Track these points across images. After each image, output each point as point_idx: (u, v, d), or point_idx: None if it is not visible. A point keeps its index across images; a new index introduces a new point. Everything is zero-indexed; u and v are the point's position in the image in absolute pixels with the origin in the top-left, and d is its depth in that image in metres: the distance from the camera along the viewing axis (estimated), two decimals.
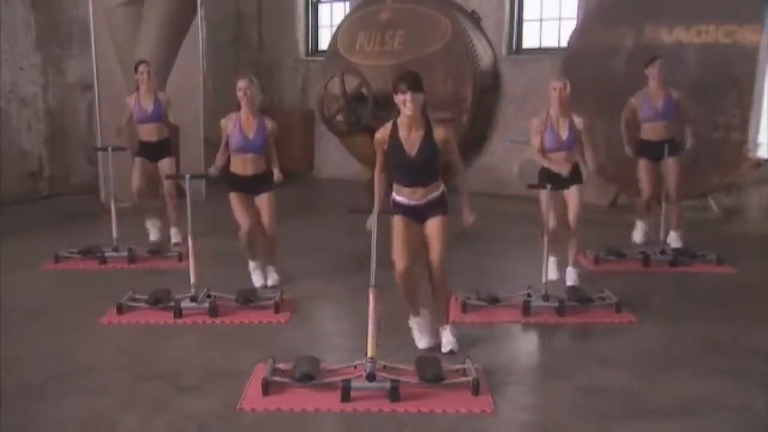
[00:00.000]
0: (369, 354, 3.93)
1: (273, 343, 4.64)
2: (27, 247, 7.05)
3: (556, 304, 5.17)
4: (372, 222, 4.12)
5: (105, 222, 7.07)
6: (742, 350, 4.62)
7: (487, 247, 7.33)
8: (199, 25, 9.52)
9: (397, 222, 4.40)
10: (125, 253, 6.53)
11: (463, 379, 3.99)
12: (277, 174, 5.69)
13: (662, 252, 6.47)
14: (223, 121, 5.68)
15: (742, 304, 5.56)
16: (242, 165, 5.63)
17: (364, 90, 9.46)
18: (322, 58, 10.69)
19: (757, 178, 8.08)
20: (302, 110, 11.42)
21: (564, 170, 5.60)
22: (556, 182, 5.57)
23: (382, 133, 4.38)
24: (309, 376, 3.94)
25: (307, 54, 11.70)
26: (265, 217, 5.76)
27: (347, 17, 10.42)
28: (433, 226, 4.40)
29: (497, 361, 4.42)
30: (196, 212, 5.35)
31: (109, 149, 6.72)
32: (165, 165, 7.01)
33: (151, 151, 7.00)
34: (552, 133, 5.62)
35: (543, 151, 5.69)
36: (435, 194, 4.41)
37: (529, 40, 9.84)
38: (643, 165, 6.84)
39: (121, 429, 3.63)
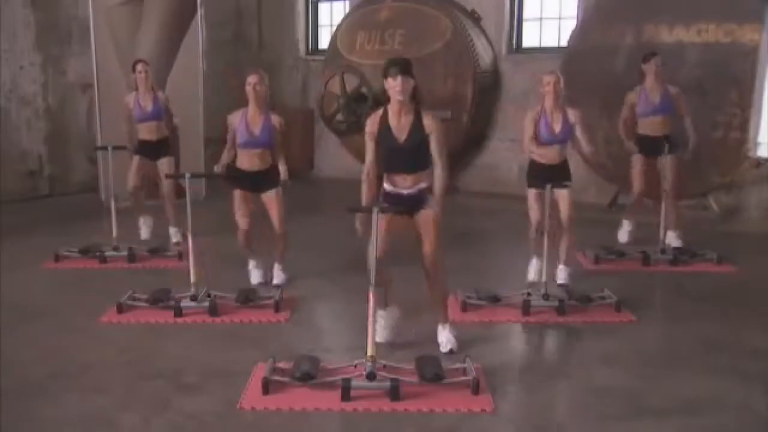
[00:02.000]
0: (369, 353, 3.93)
1: (273, 342, 4.64)
2: (27, 246, 7.05)
3: (556, 304, 5.17)
4: (361, 221, 4.13)
5: (105, 221, 7.08)
6: (742, 349, 4.62)
7: (487, 246, 7.34)
8: (199, 25, 9.51)
9: (383, 218, 4.36)
10: (125, 253, 6.52)
11: (463, 378, 3.99)
12: (284, 173, 5.68)
13: (662, 251, 6.47)
14: (230, 117, 5.65)
15: (742, 303, 5.56)
16: (249, 161, 5.61)
17: (363, 89, 9.47)
18: (322, 58, 10.70)
19: (757, 178, 8.08)
20: (302, 109, 11.42)
21: (555, 162, 5.62)
22: (546, 177, 5.54)
23: (372, 121, 4.39)
24: (309, 375, 3.94)
25: (307, 53, 11.70)
26: (273, 216, 5.75)
27: (347, 16, 10.43)
28: (424, 218, 4.37)
29: (497, 360, 4.42)
30: (195, 211, 5.35)
31: (109, 148, 6.72)
32: (164, 164, 7.00)
33: (150, 150, 6.98)
34: (546, 126, 5.62)
35: (537, 143, 5.68)
36: (425, 184, 4.39)
37: (529, 39, 9.84)
38: (638, 160, 6.83)
39: (121, 428, 3.64)
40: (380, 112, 4.39)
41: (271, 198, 5.71)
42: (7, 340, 4.70)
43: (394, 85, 4.20)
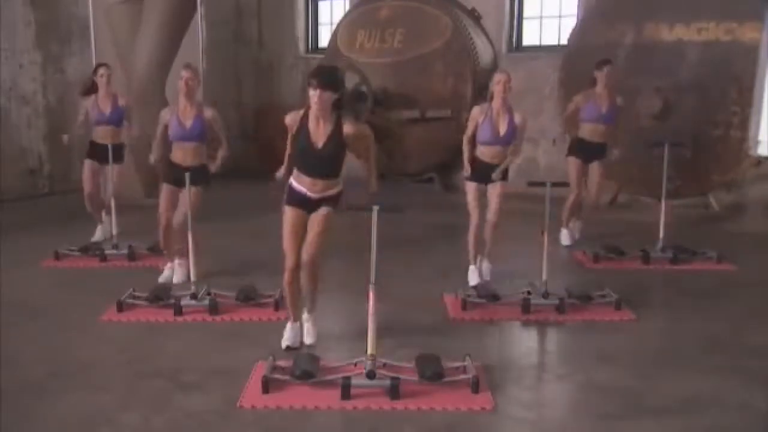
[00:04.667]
0: (369, 351, 3.93)
1: (273, 340, 4.63)
2: (27, 244, 7.05)
3: (556, 302, 5.17)
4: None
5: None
6: (742, 348, 4.62)
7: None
8: (198, 23, 9.51)
9: (289, 213, 4.42)
10: (125, 251, 6.52)
11: (462, 376, 3.99)
12: (216, 163, 5.68)
13: (662, 249, 6.47)
14: (162, 112, 5.71)
15: (742, 301, 5.56)
16: (182, 155, 5.62)
17: (363, 87, 9.47)
18: (322, 56, 10.69)
19: (758, 176, 8.08)
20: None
21: (494, 162, 5.59)
22: (485, 175, 5.59)
23: (293, 117, 4.42)
24: (309, 373, 3.94)
25: (307, 51, 11.70)
26: (188, 209, 5.49)
27: (347, 14, 10.43)
28: (319, 215, 4.42)
29: (497, 358, 4.42)
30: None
31: (109, 146, 6.72)
32: (115, 171, 6.76)
33: (103, 154, 6.77)
34: (490, 127, 5.57)
35: (475, 143, 5.66)
36: (332, 192, 4.45)
37: (530, 38, 9.84)
38: (574, 164, 6.89)
39: (121, 426, 3.63)
40: (302, 111, 4.41)
41: (192, 192, 5.52)
42: (8, 338, 4.70)
43: (312, 95, 4.24)
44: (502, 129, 5.55)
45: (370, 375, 3.88)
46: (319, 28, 11.72)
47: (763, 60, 7.69)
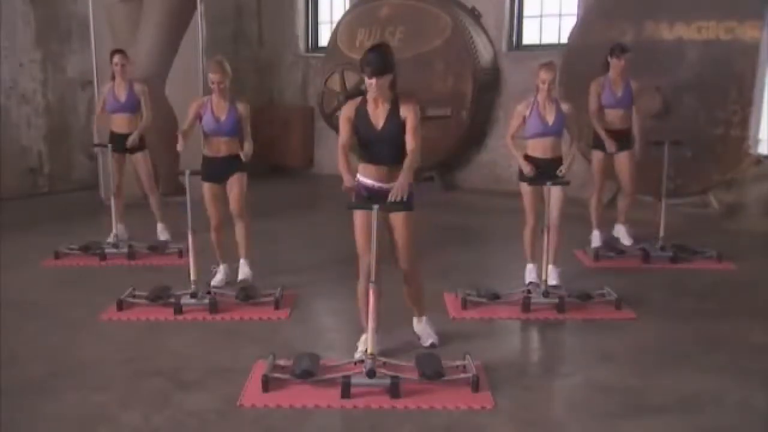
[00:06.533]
0: (369, 350, 3.93)
1: (273, 339, 4.64)
2: (27, 243, 7.05)
3: (556, 301, 5.17)
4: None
5: (105, 218, 7.07)
6: (742, 346, 4.62)
7: (487, 244, 7.34)
8: (198, 22, 9.49)
9: (359, 213, 4.33)
10: (125, 250, 6.52)
11: (462, 375, 3.99)
12: (245, 152, 5.53)
13: (662, 248, 6.47)
14: (194, 103, 5.61)
15: (742, 300, 5.56)
16: (216, 147, 5.58)
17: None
18: (322, 55, 10.69)
19: (758, 175, 8.07)
20: (302, 106, 11.41)
21: (547, 155, 5.50)
22: (538, 174, 5.43)
23: (351, 106, 4.36)
24: (309, 372, 3.94)
25: (307, 50, 11.68)
26: (233, 197, 5.62)
27: (347, 13, 10.43)
28: (397, 219, 4.34)
29: (497, 357, 4.42)
30: (195, 209, 5.35)
31: (109, 146, 6.71)
32: (138, 159, 6.81)
33: (121, 144, 6.73)
34: (538, 118, 5.53)
35: (525, 137, 5.60)
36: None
37: (530, 36, 9.83)
38: (597, 157, 6.70)
39: (121, 425, 3.64)
40: (359, 99, 4.37)
41: (233, 180, 5.59)
42: (8, 337, 4.70)
43: (368, 83, 4.21)
44: (550, 118, 5.50)
45: (370, 374, 3.88)
46: (319, 26, 11.70)
47: (763, 59, 7.68)
